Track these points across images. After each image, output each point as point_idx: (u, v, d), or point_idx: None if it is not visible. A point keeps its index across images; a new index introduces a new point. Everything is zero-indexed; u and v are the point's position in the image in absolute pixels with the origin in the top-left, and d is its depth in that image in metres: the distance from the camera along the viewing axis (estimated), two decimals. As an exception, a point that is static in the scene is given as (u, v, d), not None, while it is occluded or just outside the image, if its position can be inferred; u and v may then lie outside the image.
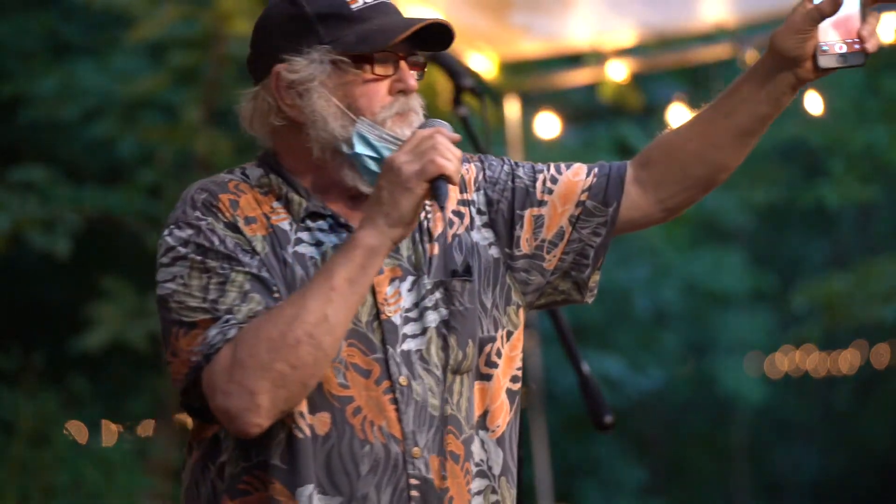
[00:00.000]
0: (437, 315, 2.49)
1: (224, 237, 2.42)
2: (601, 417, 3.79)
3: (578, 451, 13.74)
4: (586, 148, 10.87)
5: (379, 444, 2.41)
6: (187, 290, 2.41)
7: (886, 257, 11.39)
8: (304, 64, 2.47)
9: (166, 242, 2.46)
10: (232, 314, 2.37)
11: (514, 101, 6.17)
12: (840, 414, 17.21)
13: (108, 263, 9.57)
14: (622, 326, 14.02)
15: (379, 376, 2.43)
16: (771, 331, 15.60)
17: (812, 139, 12.11)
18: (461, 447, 2.49)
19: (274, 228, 2.46)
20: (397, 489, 2.41)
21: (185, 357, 2.38)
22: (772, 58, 2.53)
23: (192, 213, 2.45)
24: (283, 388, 2.33)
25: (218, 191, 2.48)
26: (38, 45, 9.49)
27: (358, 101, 2.46)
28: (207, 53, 8.22)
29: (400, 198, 2.36)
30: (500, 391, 2.56)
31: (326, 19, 2.47)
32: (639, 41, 5.93)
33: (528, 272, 2.61)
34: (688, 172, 2.63)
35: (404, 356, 2.45)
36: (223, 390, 2.33)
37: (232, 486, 2.43)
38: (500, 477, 2.55)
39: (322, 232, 2.49)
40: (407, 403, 2.44)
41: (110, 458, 8.66)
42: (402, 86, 2.49)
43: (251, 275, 2.40)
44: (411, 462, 2.42)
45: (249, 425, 2.33)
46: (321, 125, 2.46)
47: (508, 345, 2.58)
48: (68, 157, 9.54)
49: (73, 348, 8.36)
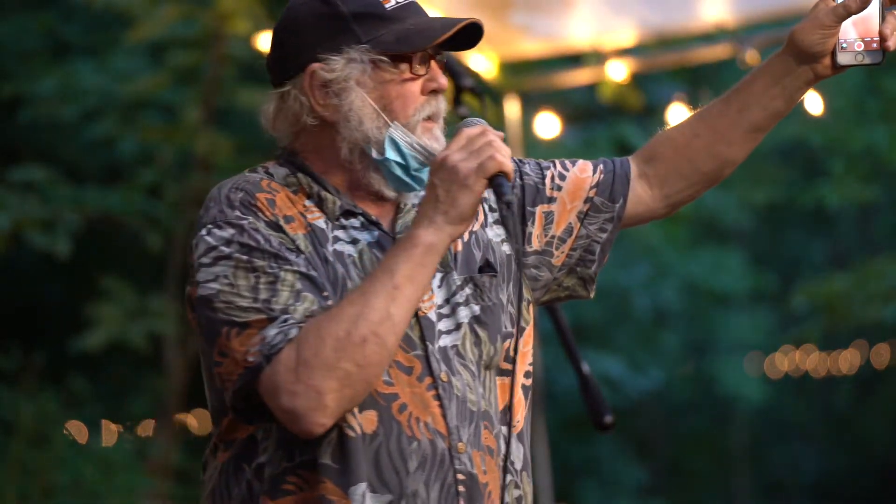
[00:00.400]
0: (468, 311, 2.50)
1: (268, 236, 2.41)
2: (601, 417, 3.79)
3: (578, 451, 13.74)
4: (586, 148, 10.86)
5: (426, 441, 2.41)
6: (235, 290, 2.38)
7: (886, 257, 11.39)
8: (341, 63, 2.45)
9: (206, 242, 2.43)
10: (289, 314, 2.35)
11: (514, 101, 6.17)
12: (840, 414, 17.22)
13: (108, 263, 9.57)
14: (622, 326, 14.02)
15: (421, 373, 2.43)
16: (771, 331, 15.60)
17: (812, 139, 12.10)
18: (494, 442, 2.50)
19: (312, 227, 2.46)
20: (445, 484, 2.42)
21: (240, 357, 2.35)
22: (791, 53, 2.55)
23: (231, 212, 2.43)
24: (349, 387, 2.32)
25: (254, 189, 2.46)
26: (38, 45, 9.49)
27: (393, 103, 2.47)
28: (207, 53, 8.21)
29: (459, 195, 2.37)
30: (518, 387, 2.58)
31: (362, 18, 2.47)
32: (639, 41, 5.93)
33: (537, 268, 2.63)
34: (695, 167, 2.66)
35: (442, 352, 2.46)
36: (289, 390, 2.31)
37: (274, 487, 2.41)
38: (521, 472, 2.57)
39: (356, 230, 2.49)
40: (449, 399, 2.44)
41: (110, 458, 8.66)
42: (435, 85, 2.50)
43: (300, 273, 2.38)
44: (457, 457, 2.43)
45: (315, 425, 2.32)
46: (355, 125, 2.46)
47: (521, 340, 2.60)
48: (68, 157, 9.54)
49: (73, 348, 8.36)
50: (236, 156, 8.38)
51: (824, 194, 12.22)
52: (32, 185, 8.02)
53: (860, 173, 11.84)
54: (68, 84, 8.60)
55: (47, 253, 7.95)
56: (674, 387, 15.28)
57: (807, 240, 16.72)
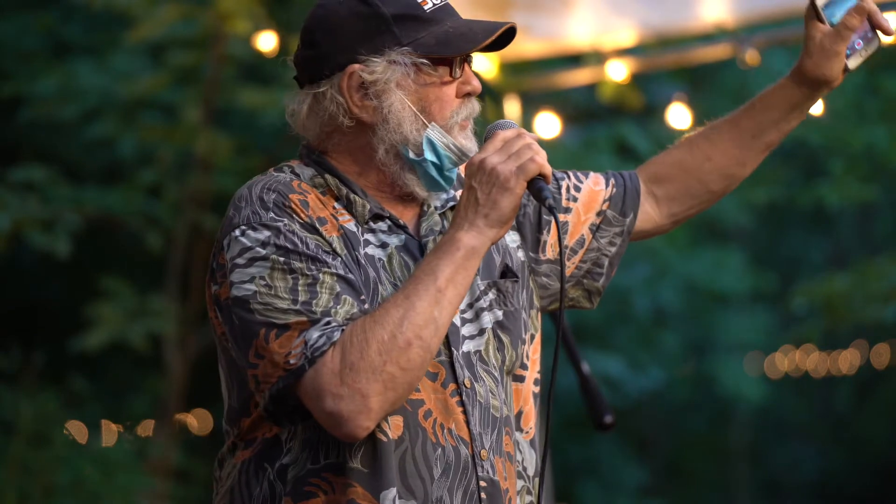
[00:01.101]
0: (492, 316, 2.51)
1: (305, 238, 2.40)
2: (601, 417, 3.79)
3: (578, 451, 13.73)
4: (586, 148, 10.85)
5: (450, 447, 2.42)
6: (272, 292, 2.36)
7: (886, 257, 11.37)
8: (382, 65, 2.45)
9: (241, 243, 2.40)
10: (330, 316, 2.34)
11: (514, 101, 6.17)
12: (840, 414, 17.21)
13: (108, 263, 9.57)
14: (622, 326, 14.01)
15: (445, 379, 2.44)
16: (771, 331, 15.59)
17: (812, 139, 12.09)
18: (513, 447, 2.52)
19: (344, 230, 2.45)
20: (468, 491, 2.42)
21: (280, 360, 2.34)
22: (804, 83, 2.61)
23: (265, 213, 2.41)
24: (393, 390, 2.32)
25: (286, 190, 2.44)
26: (38, 45, 9.48)
27: (431, 105, 2.47)
28: (207, 53, 8.20)
29: (499, 198, 2.37)
30: (530, 393, 2.59)
31: (402, 20, 2.46)
32: (639, 41, 5.92)
33: (549, 277, 2.64)
34: (706, 188, 2.71)
35: (465, 358, 2.46)
36: (334, 393, 2.30)
37: (297, 489, 2.40)
38: (533, 478, 2.57)
39: (384, 233, 2.49)
40: (473, 405, 2.45)
41: (110, 458, 8.64)
42: (469, 88, 2.51)
43: (339, 276, 2.38)
44: (480, 464, 2.44)
45: (359, 428, 2.32)
46: (394, 127, 2.45)
47: (531, 347, 2.62)
48: (68, 157, 9.53)
49: (73, 348, 8.35)
50: (236, 156, 8.38)
51: (824, 194, 12.20)
52: (32, 185, 8.02)
53: (860, 173, 11.83)
54: (68, 84, 8.59)
55: (47, 253, 7.94)
56: (674, 387, 15.27)
57: (807, 240, 16.71)
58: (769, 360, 16.13)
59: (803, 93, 2.64)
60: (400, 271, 2.45)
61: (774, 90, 2.67)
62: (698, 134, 2.73)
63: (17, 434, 8.09)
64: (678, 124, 6.33)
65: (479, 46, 2.46)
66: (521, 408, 2.57)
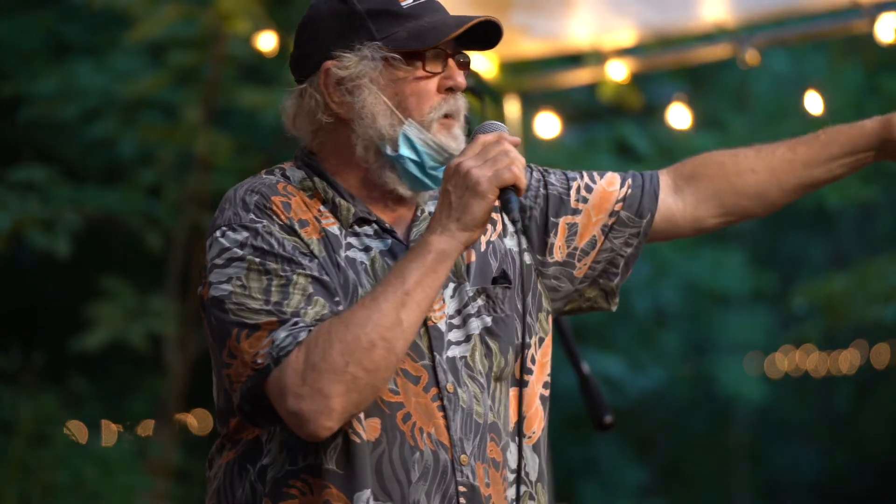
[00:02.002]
0: (480, 322, 2.49)
1: (282, 240, 2.40)
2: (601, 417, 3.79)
3: (578, 451, 13.73)
4: (586, 148, 10.85)
5: (429, 451, 2.40)
6: (246, 292, 2.37)
7: (886, 257, 11.38)
8: (354, 60, 2.45)
9: (220, 244, 2.42)
10: (299, 317, 2.34)
11: (514, 101, 6.17)
12: (840, 414, 17.21)
13: (108, 263, 9.57)
14: (622, 326, 14.01)
15: (427, 383, 2.43)
16: (771, 331, 15.59)
17: (812, 139, 12.09)
18: (500, 454, 2.49)
19: (326, 232, 2.45)
20: (446, 496, 2.41)
21: (249, 359, 2.35)
22: (883, 152, 2.62)
23: (245, 215, 2.42)
24: (356, 391, 2.31)
25: (269, 193, 2.46)
26: (38, 45, 9.48)
27: (408, 100, 2.46)
28: (207, 53, 8.21)
29: (472, 202, 2.35)
30: (534, 397, 2.57)
31: (377, 16, 2.46)
32: (639, 41, 5.92)
33: (558, 279, 2.61)
34: (736, 200, 2.66)
35: (450, 363, 2.45)
36: (296, 393, 2.30)
37: (276, 490, 2.41)
38: (536, 483, 2.55)
39: (368, 237, 2.48)
40: (454, 410, 2.43)
41: (110, 458, 8.64)
42: (452, 83, 2.48)
43: (313, 277, 2.38)
44: (459, 469, 2.42)
45: (321, 429, 2.31)
46: (369, 122, 2.45)
47: (540, 351, 2.59)
48: (68, 157, 9.53)
49: (73, 348, 8.35)
50: (236, 156, 8.38)
51: (824, 194, 12.21)
52: (32, 185, 8.02)
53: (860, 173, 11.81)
54: (68, 84, 8.60)
55: (47, 253, 7.94)
56: (674, 387, 15.28)
57: (807, 240, 16.71)
58: (769, 360, 16.13)
59: (872, 155, 2.63)
60: (382, 275, 2.44)
61: (847, 130, 2.63)
62: (753, 147, 2.69)
63: (17, 434, 8.09)
64: (678, 124, 6.33)
65: (446, 39, 2.44)
66: (524, 413, 2.55)
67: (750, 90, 13.55)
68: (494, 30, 2.49)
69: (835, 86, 10.87)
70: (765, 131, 12.66)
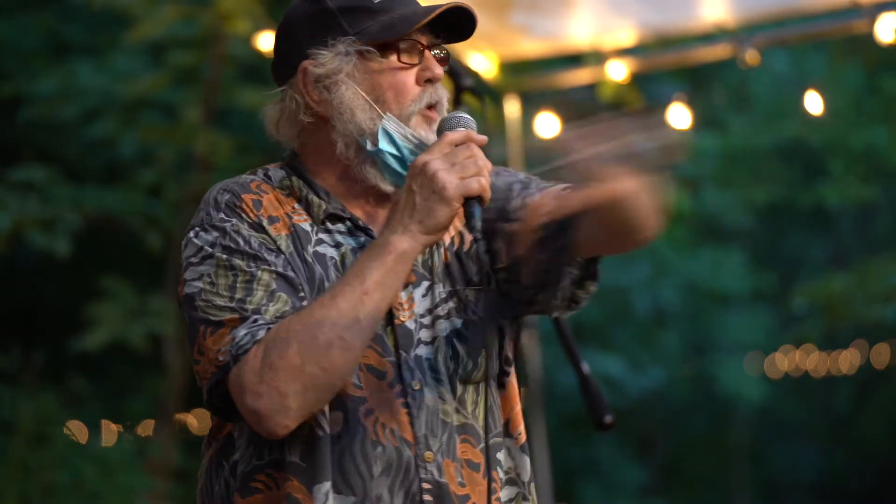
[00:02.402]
0: (449, 324, 2.48)
1: (249, 237, 2.42)
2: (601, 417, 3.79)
3: (578, 451, 13.74)
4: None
5: (391, 447, 2.41)
6: (214, 289, 2.39)
7: (886, 257, 11.39)
8: (329, 57, 2.46)
9: (194, 244, 2.44)
10: (260, 314, 2.36)
11: (514, 101, 6.17)
12: (840, 414, 17.21)
13: (108, 263, 9.57)
14: (622, 326, 14.02)
15: (392, 379, 2.42)
16: (771, 331, 15.60)
17: (812, 139, 12.11)
18: (480, 456, 2.48)
19: (295, 228, 2.46)
20: (410, 492, 2.41)
21: (213, 356, 2.37)
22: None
23: (216, 214, 2.44)
24: (313, 390, 2.32)
25: (241, 191, 2.47)
26: (38, 45, 9.49)
27: (386, 93, 2.45)
28: (207, 53, 8.21)
29: (436, 207, 2.34)
30: (516, 398, 2.57)
31: (349, 12, 2.47)
32: (639, 41, 5.92)
33: (509, 283, 2.58)
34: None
35: (418, 361, 2.45)
36: (253, 391, 2.31)
37: (244, 485, 2.43)
38: (528, 483, 2.55)
39: (341, 234, 2.48)
40: (419, 408, 2.43)
41: (110, 457, 8.65)
42: (430, 74, 2.48)
43: (277, 273, 2.39)
44: (423, 466, 2.42)
45: (279, 426, 2.32)
46: (348, 117, 2.45)
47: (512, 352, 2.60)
48: (68, 157, 9.54)
49: (73, 348, 8.35)
50: (236, 156, 8.38)
51: (824, 194, 12.23)
52: (32, 185, 8.02)
53: (860, 173, 11.85)
54: (68, 84, 8.60)
55: (47, 253, 7.94)
56: (674, 387, 15.29)
57: (807, 240, 16.72)
58: (769, 360, 16.13)
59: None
60: None
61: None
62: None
63: (17, 434, 8.10)
64: (678, 124, 6.33)
65: (416, 27, 2.43)
66: (510, 413, 2.55)
67: (750, 90, 13.56)
68: (468, 18, 2.48)
69: (835, 86, 10.87)
70: (765, 131, 12.68)
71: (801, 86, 5.98)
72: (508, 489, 2.52)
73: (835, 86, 10.85)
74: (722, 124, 12.82)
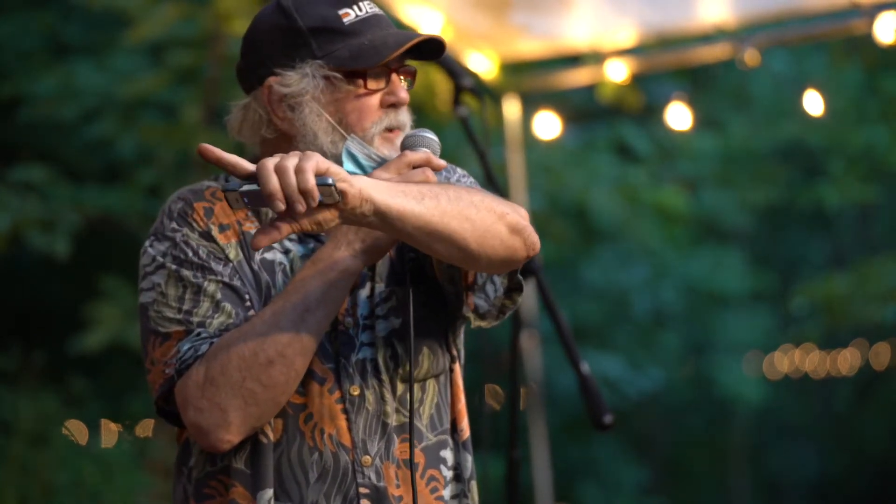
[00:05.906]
0: (388, 324, 2.48)
1: (198, 248, 2.43)
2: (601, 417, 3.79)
3: (578, 451, 13.73)
4: (586, 148, 10.85)
5: (329, 453, 2.42)
6: (165, 300, 2.41)
7: (886, 257, 11.38)
8: (296, 78, 2.47)
9: (149, 253, 2.47)
10: (204, 327, 2.37)
11: (513, 101, 6.17)
12: (840, 414, 17.21)
13: (108, 263, 9.56)
14: (621, 326, 14.01)
15: (332, 385, 2.43)
16: (770, 331, 15.59)
17: (812, 139, 12.11)
18: (421, 455, 2.49)
19: (244, 235, 2.47)
20: (347, 497, 2.42)
21: (160, 368, 2.41)
22: None
23: (168, 224, 2.47)
24: (255, 405, 2.33)
25: (193, 199, 2.49)
26: (38, 45, 9.48)
27: (349, 116, 2.46)
28: (207, 53, 8.21)
29: (383, 235, 2.36)
30: (460, 393, 2.57)
31: (319, 33, 2.46)
32: (639, 41, 5.92)
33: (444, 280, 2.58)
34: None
35: (359, 365, 2.45)
36: (195, 406, 2.34)
37: (198, 491, 2.46)
38: (469, 481, 2.56)
39: (290, 240, 2.49)
40: (357, 413, 2.43)
41: (110, 458, 8.65)
42: (394, 99, 2.49)
43: (223, 283, 2.41)
44: (360, 471, 2.42)
45: (220, 441, 2.34)
46: (311, 139, 2.46)
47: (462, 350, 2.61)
48: (68, 157, 9.54)
49: (73, 348, 8.35)
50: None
51: (824, 194, 12.22)
52: (32, 185, 8.02)
53: (860, 173, 11.85)
54: (68, 84, 8.60)
55: (47, 253, 7.94)
56: (673, 387, 15.27)
57: (807, 240, 16.72)
58: (769, 360, 16.13)
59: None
60: None
61: None
62: None
63: (17, 434, 8.09)
64: (678, 124, 6.33)
65: (386, 59, 2.44)
66: (455, 409, 2.56)
67: (750, 90, 13.56)
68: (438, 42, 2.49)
69: (835, 86, 10.87)
70: (765, 131, 12.68)
71: (801, 86, 5.97)
72: (452, 486, 2.52)
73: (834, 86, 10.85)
74: (722, 124, 12.82)
